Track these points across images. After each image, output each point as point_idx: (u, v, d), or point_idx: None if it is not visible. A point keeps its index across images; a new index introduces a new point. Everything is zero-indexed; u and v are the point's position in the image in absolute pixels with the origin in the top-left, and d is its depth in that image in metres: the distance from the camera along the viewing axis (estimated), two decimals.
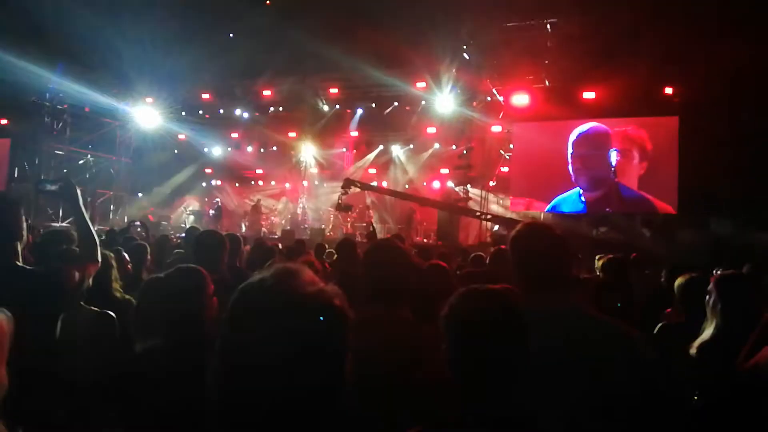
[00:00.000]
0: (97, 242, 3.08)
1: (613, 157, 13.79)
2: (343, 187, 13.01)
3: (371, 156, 19.21)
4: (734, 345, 2.56)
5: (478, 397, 1.43)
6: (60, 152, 17.84)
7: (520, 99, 14.58)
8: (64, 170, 17.50)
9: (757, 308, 2.58)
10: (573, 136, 14.28)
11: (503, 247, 5.26)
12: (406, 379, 1.92)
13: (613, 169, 13.78)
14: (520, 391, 1.42)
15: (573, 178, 14.19)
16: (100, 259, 3.11)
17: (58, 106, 17.19)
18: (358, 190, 13.99)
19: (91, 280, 2.89)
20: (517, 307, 1.51)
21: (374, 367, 1.82)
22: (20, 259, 2.64)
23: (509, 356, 1.44)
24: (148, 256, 4.77)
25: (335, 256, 5.76)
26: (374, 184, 17.37)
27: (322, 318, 0.98)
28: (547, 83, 14.49)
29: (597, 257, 5.28)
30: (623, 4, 11.68)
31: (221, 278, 2.92)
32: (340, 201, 13.28)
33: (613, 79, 12.98)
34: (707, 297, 2.90)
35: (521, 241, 2.06)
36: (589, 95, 13.78)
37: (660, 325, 3.29)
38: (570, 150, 14.26)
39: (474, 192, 16.30)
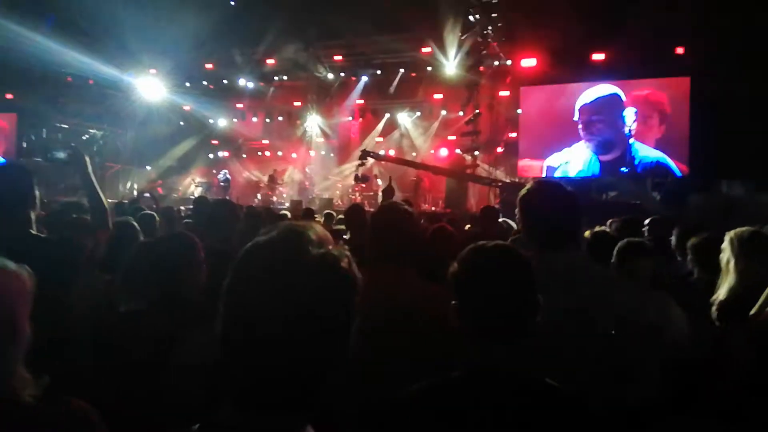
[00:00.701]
0: (108, 209, 3.11)
1: (630, 117, 13.56)
2: (360, 159, 13.18)
3: (380, 126, 19.07)
4: (751, 301, 2.54)
5: (486, 349, 1.43)
6: (65, 126, 17.83)
7: (528, 62, 14.35)
8: (72, 143, 17.51)
9: None
10: (579, 104, 14.05)
11: (490, 205, 5.29)
12: (411, 330, 1.93)
13: (628, 129, 13.58)
14: (529, 345, 1.42)
15: (585, 140, 13.99)
16: (111, 226, 3.14)
17: (63, 79, 17.11)
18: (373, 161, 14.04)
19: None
20: (524, 257, 1.51)
21: (379, 320, 1.85)
22: (34, 228, 2.66)
23: (518, 305, 1.44)
24: (157, 226, 4.80)
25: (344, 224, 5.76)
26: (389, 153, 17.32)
27: (327, 279, 0.96)
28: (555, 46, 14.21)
29: (609, 222, 5.23)
30: None
31: (231, 249, 2.91)
32: (357, 173, 13.47)
33: (622, 40, 12.74)
34: (722, 255, 2.90)
35: (532, 199, 2.05)
36: (598, 56, 13.54)
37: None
38: (578, 116, 14.06)
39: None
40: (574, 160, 14.12)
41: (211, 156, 21.79)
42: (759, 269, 2.70)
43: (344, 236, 4.60)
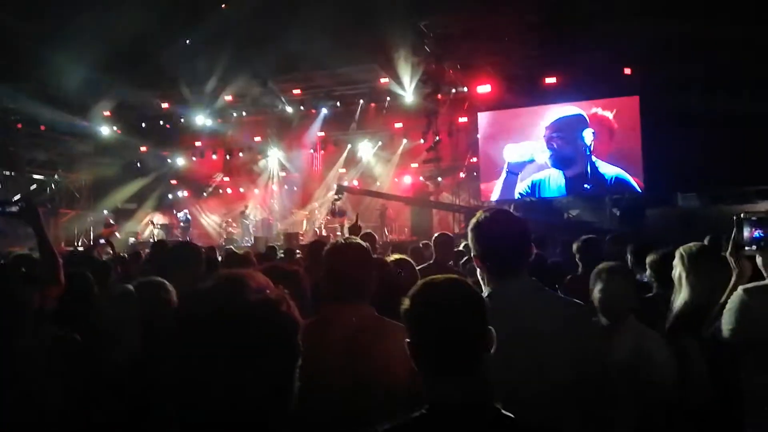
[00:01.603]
0: (60, 263, 2.98)
1: (588, 136, 14.01)
2: (336, 194, 13.68)
3: (342, 157, 19.11)
4: (702, 315, 2.60)
5: (442, 385, 1.42)
6: (10, 173, 17.30)
7: (483, 89, 14.68)
8: (31, 187, 17.02)
9: (722, 277, 2.61)
10: (548, 121, 14.43)
11: (444, 233, 5.41)
12: (369, 370, 1.93)
13: (588, 147, 14.02)
14: (484, 375, 1.43)
15: (551, 159, 14.37)
16: (63, 281, 3.01)
17: (13, 126, 16.65)
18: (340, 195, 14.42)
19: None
20: (474, 290, 1.52)
21: (331, 363, 1.89)
22: None
23: (470, 339, 1.43)
24: (112, 274, 4.63)
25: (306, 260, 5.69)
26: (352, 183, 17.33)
27: (265, 326, 0.98)
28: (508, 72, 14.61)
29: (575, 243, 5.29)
30: None
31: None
32: (334, 207, 13.96)
33: (573, 64, 13.19)
34: (673, 270, 2.98)
35: (482, 228, 2.08)
36: (550, 80, 13.96)
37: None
38: (546, 133, 14.42)
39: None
40: (542, 182, 14.43)
41: (170, 196, 21.36)
42: (708, 283, 2.76)
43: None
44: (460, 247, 6.25)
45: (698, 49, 11.16)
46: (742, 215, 2.41)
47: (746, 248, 2.38)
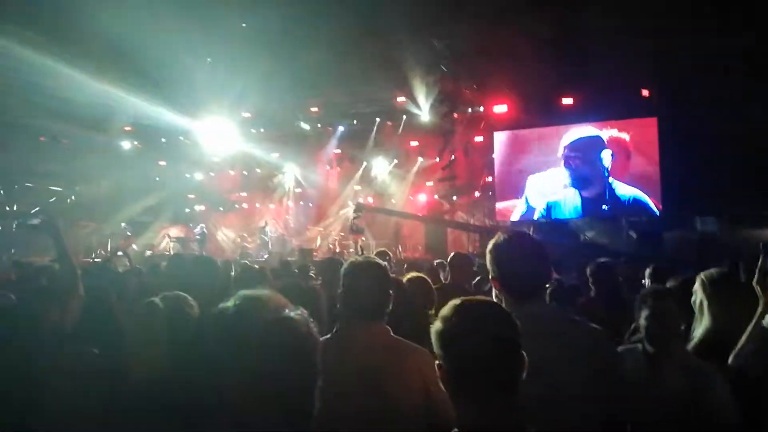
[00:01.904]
0: (79, 275, 3.02)
1: (606, 158, 13.95)
2: (355, 212, 14.07)
3: (358, 174, 19.19)
4: (726, 343, 2.53)
5: (476, 409, 1.40)
6: (31, 184, 17.60)
7: (500, 108, 14.72)
8: (51, 200, 17.27)
9: (745, 305, 2.56)
10: (569, 139, 14.40)
11: (460, 253, 5.37)
12: (381, 396, 1.93)
13: (606, 168, 13.95)
14: (519, 400, 1.41)
15: (569, 179, 14.32)
16: (82, 292, 3.04)
17: (36, 140, 16.97)
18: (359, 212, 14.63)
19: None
20: (508, 314, 1.50)
21: (351, 387, 1.89)
22: None
23: (506, 364, 1.42)
24: (131, 287, 4.67)
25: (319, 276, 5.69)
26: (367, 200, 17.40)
27: (285, 346, 1.00)
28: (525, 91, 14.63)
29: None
30: (595, 10, 11.82)
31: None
32: (352, 225, 14.35)
33: (590, 84, 13.17)
34: (693, 297, 2.91)
35: (501, 251, 2.08)
36: (567, 101, 13.94)
37: None
38: (564, 153, 14.38)
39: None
40: (559, 203, 14.35)
41: (187, 210, 21.56)
42: (730, 310, 2.69)
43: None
44: (474, 267, 6.22)
45: (716, 69, 11.10)
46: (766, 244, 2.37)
47: None
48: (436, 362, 1.47)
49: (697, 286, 2.93)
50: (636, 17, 11.10)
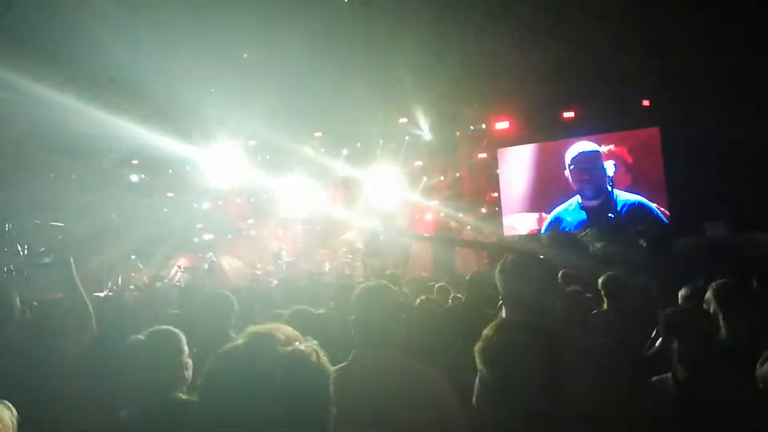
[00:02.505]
0: (91, 313, 3.04)
1: (609, 168, 14.01)
2: (372, 236, 14.68)
3: (363, 197, 19.22)
4: (746, 352, 2.48)
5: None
6: (39, 221, 17.74)
7: (502, 125, 14.80)
8: (59, 237, 17.34)
9: (760, 313, 2.54)
10: (573, 153, 14.47)
11: (478, 272, 5.39)
12: (396, 425, 1.94)
13: (610, 178, 14.00)
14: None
15: (576, 189, 14.41)
16: (95, 329, 3.07)
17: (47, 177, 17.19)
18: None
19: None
20: (548, 336, 1.59)
21: (366, 416, 1.90)
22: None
23: (546, 384, 1.50)
24: (144, 320, 4.68)
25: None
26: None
27: (296, 380, 1.01)
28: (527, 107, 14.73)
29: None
30: (592, 24, 11.93)
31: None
32: (369, 249, 15.19)
33: (591, 97, 13.24)
34: (705, 307, 2.88)
35: (507, 275, 2.16)
36: (568, 114, 14.01)
37: None
38: (569, 164, 14.43)
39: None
40: (564, 213, 14.38)
41: (196, 240, 21.66)
42: (745, 319, 2.67)
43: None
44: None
45: (716, 76, 11.14)
46: None
47: None
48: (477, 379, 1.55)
49: (709, 296, 2.90)
50: (633, 29, 11.22)
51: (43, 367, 2.62)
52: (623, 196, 13.85)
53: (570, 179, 14.42)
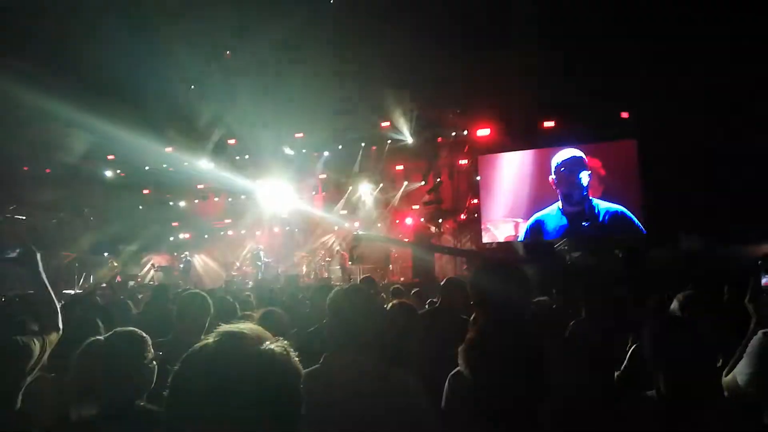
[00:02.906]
0: (58, 310, 2.95)
1: (585, 178, 14.17)
2: (354, 242, 14.68)
3: (343, 199, 19.21)
4: None
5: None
6: (20, 216, 17.36)
7: (483, 132, 14.90)
8: (32, 230, 17.00)
9: (724, 323, 2.55)
10: (563, 156, 14.62)
11: (452, 277, 5.41)
12: (367, 425, 1.94)
13: (586, 188, 14.21)
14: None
15: (561, 193, 14.55)
16: (61, 327, 2.98)
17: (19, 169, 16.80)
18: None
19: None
20: (537, 342, 1.67)
21: (338, 418, 1.90)
22: None
23: (529, 387, 1.56)
24: (113, 320, 4.56)
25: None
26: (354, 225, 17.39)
27: (265, 378, 1.01)
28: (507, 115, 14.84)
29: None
30: (573, 36, 12.10)
31: None
32: (353, 255, 14.93)
33: (571, 108, 13.40)
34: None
35: (479, 280, 2.20)
36: (548, 124, 14.16)
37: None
38: (558, 167, 14.60)
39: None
40: (545, 218, 14.52)
41: (171, 239, 21.36)
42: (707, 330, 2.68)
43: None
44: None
45: (695, 90, 11.35)
46: (760, 263, 2.38)
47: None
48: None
49: (674, 307, 2.93)
50: (615, 41, 11.38)
51: (6, 362, 2.53)
52: (604, 204, 14.03)
53: (555, 183, 14.54)
